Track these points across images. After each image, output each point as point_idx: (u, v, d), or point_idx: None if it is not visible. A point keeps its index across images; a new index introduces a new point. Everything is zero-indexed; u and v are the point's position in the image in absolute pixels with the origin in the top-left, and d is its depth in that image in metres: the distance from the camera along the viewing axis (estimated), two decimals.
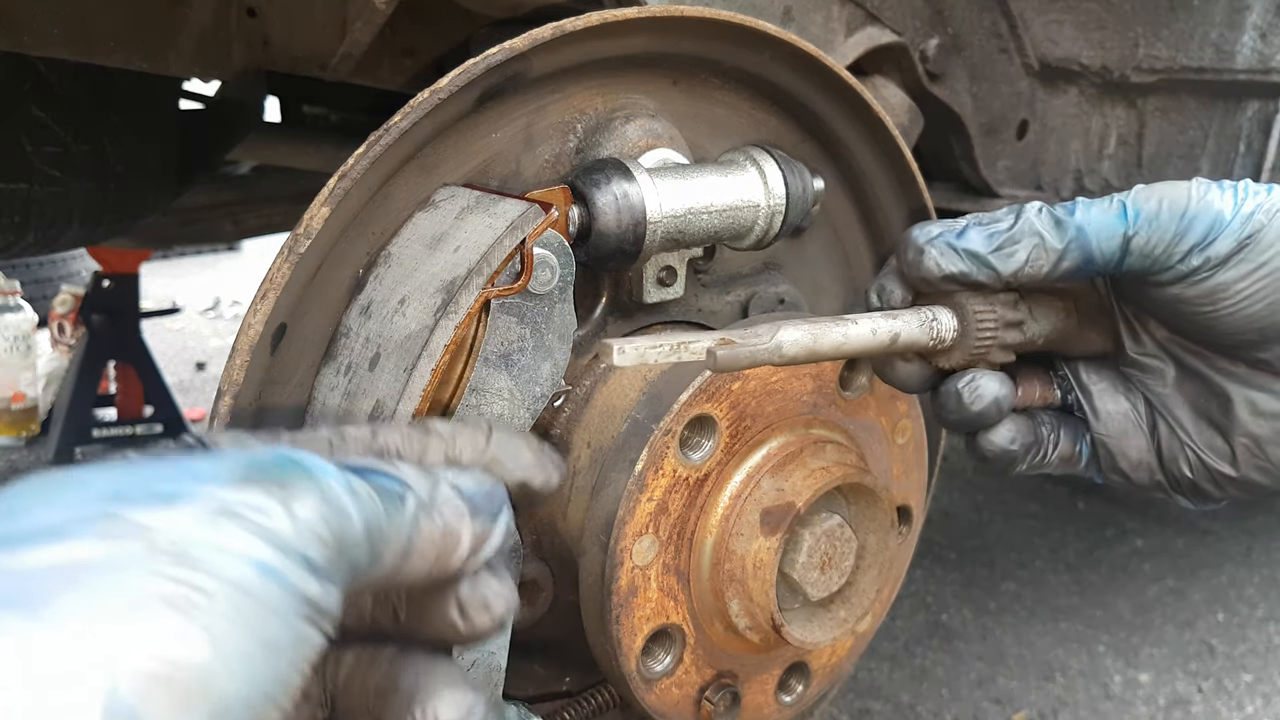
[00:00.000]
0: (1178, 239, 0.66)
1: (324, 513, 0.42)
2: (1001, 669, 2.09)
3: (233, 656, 0.35)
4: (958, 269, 0.68)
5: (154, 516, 0.37)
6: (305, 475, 0.42)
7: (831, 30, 1.17)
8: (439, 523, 0.49)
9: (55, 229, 1.55)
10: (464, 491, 0.52)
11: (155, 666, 0.32)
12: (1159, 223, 0.66)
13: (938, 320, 0.69)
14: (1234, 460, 0.72)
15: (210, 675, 0.34)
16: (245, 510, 0.39)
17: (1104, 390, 0.77)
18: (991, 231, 0.68)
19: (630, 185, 0.79)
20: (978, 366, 0.72)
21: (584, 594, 0.82)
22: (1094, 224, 0.68)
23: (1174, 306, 0.69)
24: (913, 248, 0.70)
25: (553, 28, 0.76)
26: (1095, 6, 1.38)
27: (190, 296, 5.63)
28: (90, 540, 0.35)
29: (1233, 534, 2.74)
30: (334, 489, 0.43)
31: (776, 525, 0.80)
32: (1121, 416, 0.76)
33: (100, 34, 1.14)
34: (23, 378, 3.18)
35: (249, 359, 0.72)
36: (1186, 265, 0.66)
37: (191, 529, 0.37)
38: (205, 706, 0.33)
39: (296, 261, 0.71)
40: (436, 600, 0.52)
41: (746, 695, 0.91)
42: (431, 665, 0.52)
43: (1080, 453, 0.77)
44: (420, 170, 0.80)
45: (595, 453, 0.85)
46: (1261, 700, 2.03)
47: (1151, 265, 0.67)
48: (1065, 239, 0.68)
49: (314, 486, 0.42)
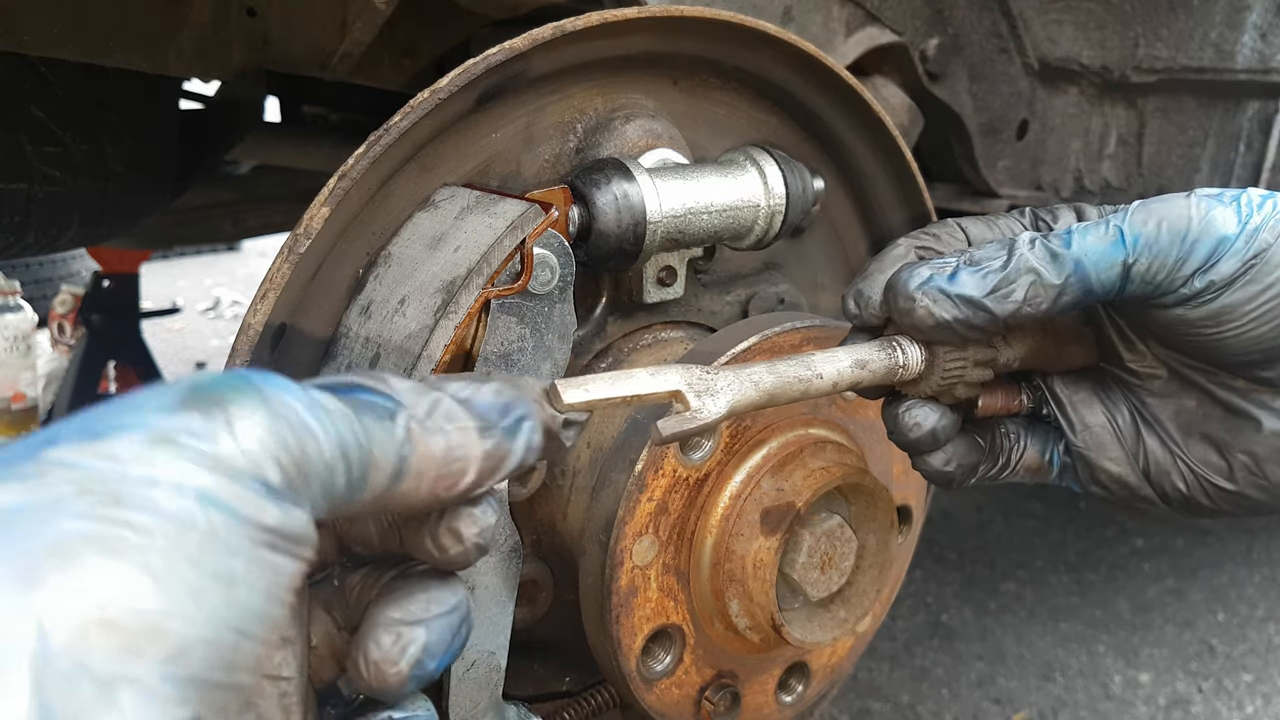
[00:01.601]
0: (1180, 263, 0.62)
1: (278, 432, 0.38)
2: (1001, 669, 2.09)
3: (181, 594, 0.32)
4: (952, 316, 0.64)
5: (81, 452, 0.34)
6: (253, 393, 0.39)
7: (831, 30, 1.17)
8: (440, 441, 0.45)
9: (55, 229, 1.55)
10: (475, 405, 0.48)
11: (92, 613, 0.30)
12: (1159, 247, 0.63)
13: (904, 353, 0.66)
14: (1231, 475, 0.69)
15: (158, 616, 0.32)
16: (182, 436, 0.36)
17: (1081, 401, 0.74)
18: (985, 272, 0.64)
19: (630, 185, 0.79)
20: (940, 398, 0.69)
21: (584, 594, 0.82)
22: (1091, 254, 0.64)
23: (1175, 328, 0.66)
24: (903, 296, 0.65)
25: (553, 27, 0.76)
26: (1095, 6, 1.38)
27: (190, 296, 5.64)
28: (9, 485, 0.33)
29: (1233, 534, 2.73)
30: (289, 405, 0.39)
31: (776, 525, 0.80)
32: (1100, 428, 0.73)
33: (100, 34, 1.14)
34: (22, 378, 3.17)
35: (249, 359, 0.72)
36: (1190, 289, 0.63)
37: (122, 464, 0.34)
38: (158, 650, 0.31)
39: (296, 261, 0.71)
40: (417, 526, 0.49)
41: (746, 695, 0.91)
42: (400, 589, 0.49)
43: (1051, 463, 0.75)
44: (420, 170, 0.80)
45: (595, 453, 0.85)
46: (1262, 700, 2.03)
47: (1153, 291, 0.64)
48: (1063, 274, 0.64)
49: (262, 404, 0.39)
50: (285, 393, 0.40)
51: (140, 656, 0.31)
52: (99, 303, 3.09)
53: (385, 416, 0.44)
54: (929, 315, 0.64)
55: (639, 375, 0.57)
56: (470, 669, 0.78)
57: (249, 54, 1.23)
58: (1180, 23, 1.35)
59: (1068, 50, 1.40)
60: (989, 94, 1.40)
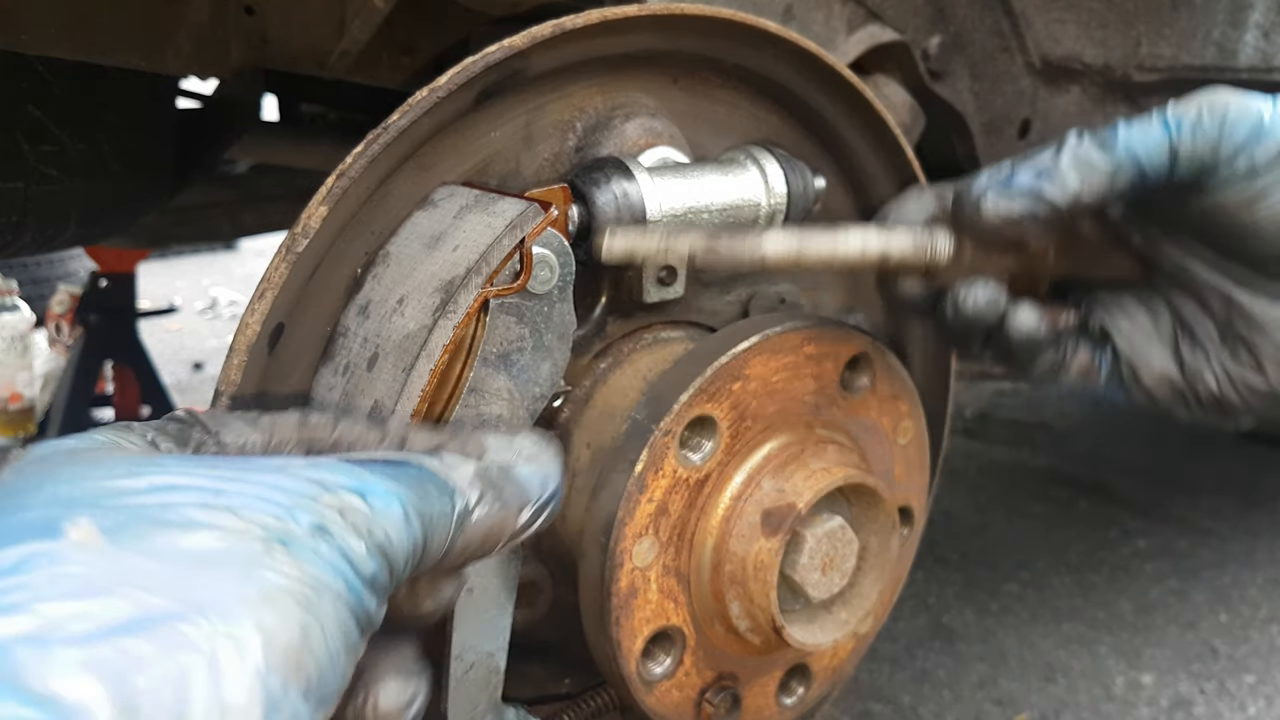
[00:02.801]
0: (1222, 143, 0.66)
1: (390, 538, 0.45)
2: (1003, 670, 2.09)
3: (325, 646, 0.40)
4: (1018, 209, 0.68)
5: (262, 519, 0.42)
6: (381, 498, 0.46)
7: (833, 28, 1.16)
8: (484, 525, 0.51)
9: (52, 228, 1.54)
10: (518, 479, 0.54)
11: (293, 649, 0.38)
12: (1203, 129, 0.67)
13: (934, 239, 0.70)
14: (1261, 370, 0.72)
15: (312, 656, 0.39)
16: (336, 530, 0.43)
17: (1124, 308, 0.78)
18: (1040, 168, 0.68)
19: (630, 184, 0.79)
20: None
21: (583, 595, 0.81)
22: (1138, 139, 0.68)
23: (1212, 218, 0.69)
24: (969, 203, 0.70)
25: (552, 25, 0.76)
26: (1098, 5, 1.37)
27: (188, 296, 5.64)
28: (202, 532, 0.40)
29: (1236, 535, 2.73)
30: (397, 515, 0.46)
31: (777, 526, 0.79)
32: (1143, 332, 0.77)
33: (97, 33, 1.13)
34: (20, 378, 3.17)
35: (246, 359, 0.71)
36: (1231, 170, 0.66)
37: (297, 536, 0.42)
38: (307, 688, 0.39)
39: (294, 261, 0.71)
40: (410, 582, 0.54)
41: (747, 697, 0.90)
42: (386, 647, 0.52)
43: (1099, 366, 0.78)
44: (419, 169, 0.79)
45: (595, 453, 0.84)
46: (1265, 702, 2.02)
47: (1199, 172, 0.67)
48: (1114, 160, 0.68)
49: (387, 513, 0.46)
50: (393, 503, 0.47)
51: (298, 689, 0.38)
52: (96, 302, 3.08)
53: (446, 507, 0.50)
54: (995, 213, 0.68)
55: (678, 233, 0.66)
56: (469, 671, 0.77)
57: (247, 52, 1.22)
58: (1183, 21, 1.34)
59: (1070, 49, 1.40)
60: (991, 92, 1.40)
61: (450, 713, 0.77)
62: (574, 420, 0.87)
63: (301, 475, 0.45)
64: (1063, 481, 3.07)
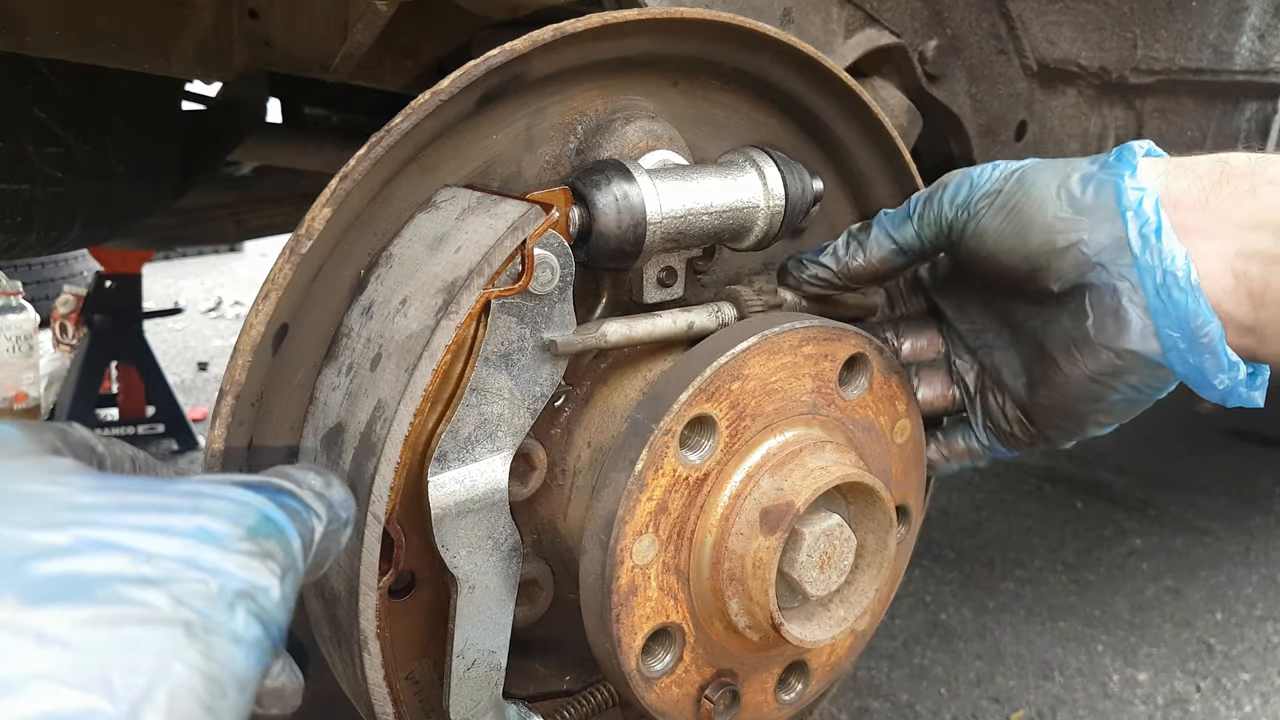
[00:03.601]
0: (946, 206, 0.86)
1: (292, 577, 0.50)
2: (1000, 668, 2.10)
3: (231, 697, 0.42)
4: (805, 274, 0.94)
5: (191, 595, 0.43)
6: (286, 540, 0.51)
7: (831, 32, 1.17)
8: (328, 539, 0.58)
9: (57, 229, 1.55)
10: (337, 503, 0.60)
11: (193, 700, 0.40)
12: (932, 202, 0.87)
13: (721, 310, 0.88)
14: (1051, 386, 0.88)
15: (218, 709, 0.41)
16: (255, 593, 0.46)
17: None
18: (823, 247, 0.94)
19: (630, 186, 0.80)
20: None
21: (584, 593, 0.82)
22: (889, 221, 0.90)
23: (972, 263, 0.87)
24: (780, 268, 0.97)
25: (553, 29, 0.76)
26: (1093, 8, 1.38)
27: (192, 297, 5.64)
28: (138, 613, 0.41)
29: (1231, 533, 2.74)
30: (297, 551, 0.51)
31: (776, 525, 0.80)
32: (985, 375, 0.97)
33: (102, 35, 1.14)
34: (25, 378, 3.17)
35: (251, 359, 0.72)
36: (959, 223, 0.85)
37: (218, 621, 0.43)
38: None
39: (298, 262, 0.72)
40: None
41: (746, 694, 0.91)
42: None
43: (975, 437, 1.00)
44: (421, 171, 0.80)
45: (595, 452, 0.85)
46: (1260, 699, 2.03)
47: (938, 234, 0.87)
48: (869, 237, 0.91)
49: (288, 550, 0.50)
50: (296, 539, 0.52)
51: None
52: (101, 303, 3.09)
53: (309, 526, 0.55)
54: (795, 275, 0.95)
55: None
56: (470, 668, 0.78)
57: (251, 55, 1.23)
58: (1178, 24, 1.35)
59: (1066, 51, 1.40)
60: (987, 95, 1.40)
61: (452, 709, 0.78)
62: (574, 420, 0.88)
63: (220, 512, 0.48)
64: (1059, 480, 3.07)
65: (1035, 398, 0.90)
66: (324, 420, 0.79)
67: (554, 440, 0.87)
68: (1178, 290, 0.76)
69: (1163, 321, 0.77)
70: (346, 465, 0.75)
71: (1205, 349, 0.77)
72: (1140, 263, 0.77)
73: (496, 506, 0.77)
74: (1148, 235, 0.77)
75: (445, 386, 0.74)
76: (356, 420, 0.75)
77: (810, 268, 0.93)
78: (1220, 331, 0.76)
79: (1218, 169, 0.78)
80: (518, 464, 0.82)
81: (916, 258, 0.90)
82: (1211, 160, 0.78)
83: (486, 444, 0.76)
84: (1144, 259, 0.77)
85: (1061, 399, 0.87)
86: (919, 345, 0.99)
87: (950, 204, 0.85)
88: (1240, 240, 0.75)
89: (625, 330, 0.83)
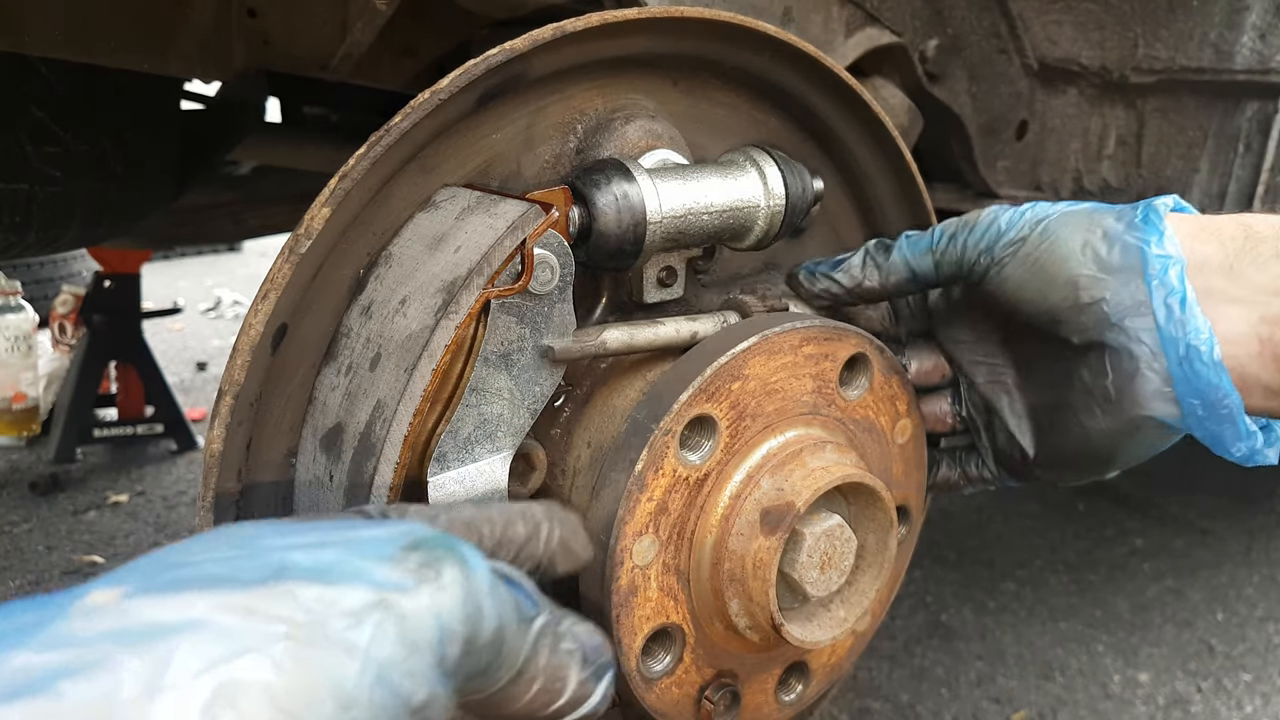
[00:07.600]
0: (969, 248, 0.86)
1: (467, 610, 0.44)
2: (1001, 668, 2.10)
3: None
4: (817, 287, 0.94)
5: (309, 593, 0.40)
6: (460, 563, 0.45)
7: (831, 31, 1.17)
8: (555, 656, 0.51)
9: (56, 229, 1.55)
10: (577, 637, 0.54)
11: None
12: (956, 240, 0.87)
13: (727, 320, 0.88)
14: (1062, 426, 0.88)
15: None
16: (393, 595, 0.41)
17: None
18: (837, 261, 0.93)
19: (630, 186, 0.79)
20: None
21: (584, 593, 0.82)
22: (910, 248, 0.90)
23: (989, 304, 0.88)
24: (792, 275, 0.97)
25: (553, 28, 0.76)
26: (1094, 7, 1.38)
27: (191, 297, 5.64)
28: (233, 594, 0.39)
29: (1232, 534, 2.74)
30: (479, 585, 0.45)
31: (776, 525, 0.80)
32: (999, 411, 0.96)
33: (101, 35, 1.14)
34: (24, 378, 3.17)
35: (250, 359, 0.72)
36: (981, 266, 0.85)
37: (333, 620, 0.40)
38: None
39: (297, 262, 0.72)
40: None
41: (746, 694, 0.91)
42: None
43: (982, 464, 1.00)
44: (421, 171, 0.80)
45: (595, 452, 0.85)
46: (1261, 700, 2.03)
47: (957, 272, 0.87)
48: (888, 260, 0.90)
49: (462, 579, 0.44)
50: (478, 570, 0.45)
51: None
52: (100, 303, 3.09)
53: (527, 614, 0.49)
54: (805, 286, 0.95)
55: None
56: None
57: (250, 55, 1.23)
58: (1179, 23, 1.35)
59: (1067, 51, 1.40)
60: (988, 94, 1.40)
61: None
62: (574, 420, 0.88)
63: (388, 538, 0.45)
64: None
65: (1048, 441, 0.90)
66: (323, 420, 0.78)
67: (554, 440, 0.87)
68: (1200, 364, 0.77)
69: (1184, 390, 0.78)
70: (345, 465, 0.75)
71: (1225, 419, 0.78)
72: (1164, 332, 0.78)
73: None
74: (1172, 306, 0.77)
75: (445, 387, 0.74)
76: (356, 420, 0.75)
77: (822, 281, 0.93)
78: (1240, 404, 0.77)
79: (1241, 233, 0.78)
80: (517, 464, 0.81)
81: (930, 286, 0.92)
82: (1235, 224, 0.79)
83: (486, 444, 0.76)
84: (1168, 329, 0.77)
85: (1079, 447, 0.87)
86: (925, 368, 0.98)
87: (974, 247, 0.85)
88: (1266, 305, 0.76)
89: (626, 339, 0.82)
